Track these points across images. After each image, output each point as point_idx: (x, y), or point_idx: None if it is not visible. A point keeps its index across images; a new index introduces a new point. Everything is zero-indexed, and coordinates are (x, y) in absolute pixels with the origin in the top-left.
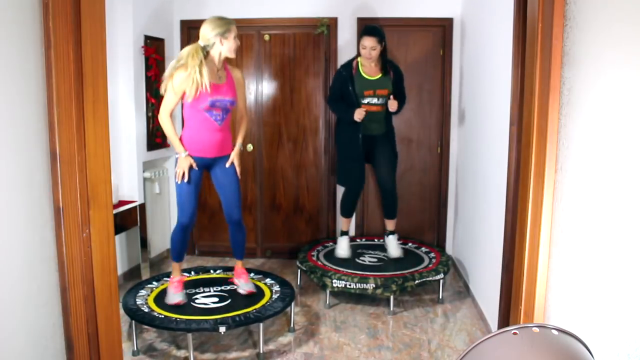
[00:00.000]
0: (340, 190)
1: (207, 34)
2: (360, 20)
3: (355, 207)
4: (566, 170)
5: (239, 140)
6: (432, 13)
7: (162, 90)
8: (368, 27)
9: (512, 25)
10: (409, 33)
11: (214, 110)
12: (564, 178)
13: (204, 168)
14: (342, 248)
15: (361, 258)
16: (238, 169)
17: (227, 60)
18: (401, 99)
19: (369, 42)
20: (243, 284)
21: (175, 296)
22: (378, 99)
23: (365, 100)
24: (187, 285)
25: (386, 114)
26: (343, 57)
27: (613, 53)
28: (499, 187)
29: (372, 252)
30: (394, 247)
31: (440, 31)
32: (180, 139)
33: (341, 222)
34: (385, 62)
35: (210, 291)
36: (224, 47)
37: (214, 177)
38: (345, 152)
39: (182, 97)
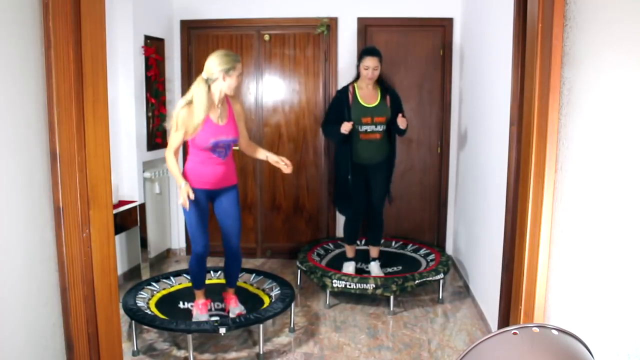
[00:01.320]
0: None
1: (212, 67)
2: (360, 20)
3: (358, 234)
4: (566, 170)
5: (261, 151)
6: (432, 13)
7: (167, 127)
8: (368, 47)
9: (512, 25)
10: (409, 33)
11: (217, 148)
12: (564, 178)
13: (209, 199)
14: (349, 271)
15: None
16: (286, 166)
17: None
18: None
19: (371, 62)
20: (233, 309)
21: (201, 317)
22: (376, 127)
23: (363, 128)
24: (188, 297)
25: (386, 140)
26: (343, 57)
27: (613, 53)
28: (499, 187)
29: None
30: (377, 273)
31: (440, 31)
32: (184, 170)
33: (347, 249)
34: (383, 85)
35: (211, 310)
36: (225, 84)
37: (216, 207)
38: (343, 180)
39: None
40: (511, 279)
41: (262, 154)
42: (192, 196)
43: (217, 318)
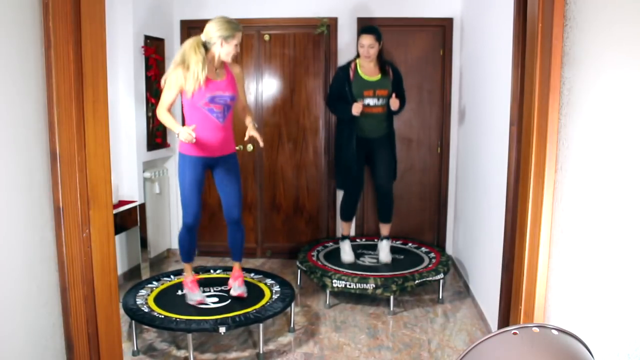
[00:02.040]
0: (340, 192)
1: (211, 32)
2: (360, 20)
3: (355, 210)
4: (566, 170)
5: (249, 118)
6: (432, 13)
7: (162, 83)
8: (365, 26)
9: (512, 25)
10: (409, 33)
11: (214, 107)
12: (564, 178)
13: (207, 168)
14: (347, 253)
15: (361, 259)
16: (260, 140)
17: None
18: (401, 101)
19: (366, 40)
20: (236, 287)
21: (194, 295)
22: (378, 100)
23: (365, 102)
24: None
25: (387, 116)
26: (343, 57)
27: (613, 53)
28: (499, 187)
29: (372, 253)
30: (385, 253)
31: (440, 31)
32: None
33: (341, 226)
34: (384, 63)
35: (210, 291)
36: (222, 50)
37: (216, 176)
38: (343, 154)
39: (181, 94)
40: (511, 279)
41: (248, 121)
42: (193, 135)
43: (213, 295)
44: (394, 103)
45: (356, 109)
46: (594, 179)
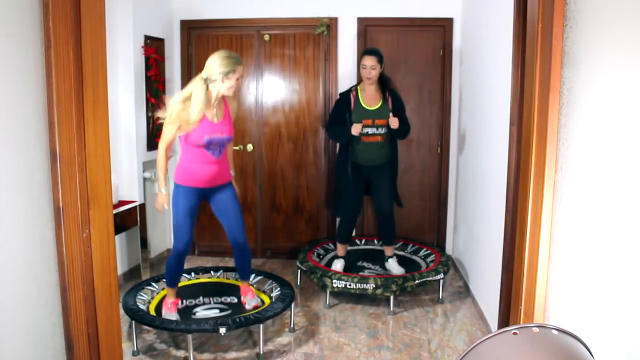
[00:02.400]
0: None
1: (212, 69)
2: (360, 20)
3: (352, 234)
4: (566, 170)
5: (232, 172)
6: (432, 13)
7: (162, 116)
8: (367, 48)
9: (512, 25)
10: (409, 33)
11: (211, 146)
12: (564, 178)
13: (202, 197)
14: (337, 269)
15: (360, 273)
16: (237, 192)
17: None
18: (404, 126)
19: (369, 61)
20: (250, 301)
21: (171, 316)
22: (377, 129)
23: (365, 131)
24: (187, 293)
25: (387, 144)
26: (343, 57)
27: (613, 53)
28: (499, 187)
29: (372, 267)
30: (395, 269)
31: (440, 31)
32: (177, 168)
33: (338, 248)
34: (385, 89)
35: (210, 303)
36: (223, 86)
37: (213, 205)
38: (342, 182)
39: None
40: (511, 279)
41: (232, 172)
42: (165, 207)
43: (214, 308)
44: (393, 121)
45: (355, 129)
46: (594, 179)
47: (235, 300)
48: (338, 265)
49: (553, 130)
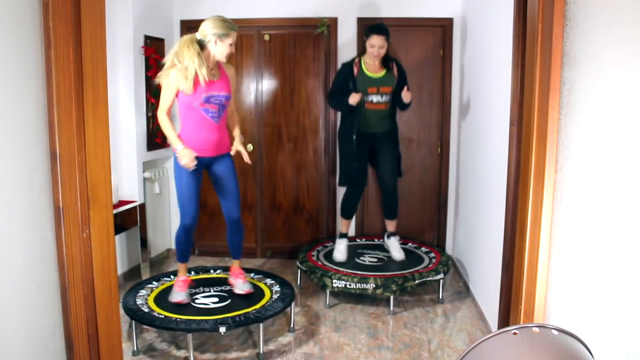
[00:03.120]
0: (340, 192)
1: (206, 30)
2: (360, 20)
3: (356, 208)
4: (566, 170)
5: (237, 131)
6: (432, 13)
7: (156, 80)
8: (375, 26)
9: (512, 25)
10: (409, 33)
11: (210, 107)
12: (564, 178)
13: (203, 168)
14: (340, 251)
15: (361, 258)
16: (246, 157)
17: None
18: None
19: (378, 40)
20: (241, 284)
21: (178, 294)
22: (381, 97)
23: (369, 98)
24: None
25: (390, 112)
26: (343, 57)
27: (613, 53)
28: (499, 187)
29: (372, 252)
30: (396, 249)
31: (440, 31)
32: (178, 138)
33: (340, 224)
34: (388, 59)
35: (210, 291)
36: (217, 49)
37: (212, 177)
38: (346, 150)
39: (177, 95)
40: (511, 279)
41: (236, 133)
42: (193, 163)
43: (214, 295)
44: (407, 96)
45: (353, 98)
46: (594, 179)
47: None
48: (341, 245)
49: (553, 130)
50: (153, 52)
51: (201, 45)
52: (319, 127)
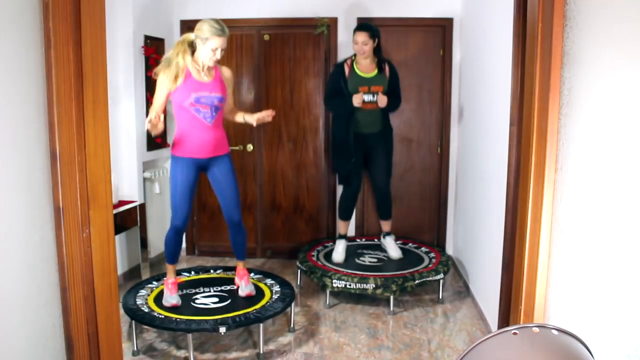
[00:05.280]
0: (340, 192)
1: (196, 30)
2: (360, 20)
3: (353, 209)
4: (566, 170)
5: (241, 113)
6: (431, 13)
7: (153, 76)
8: (360, 24)
9: (512, 25)
10: (409, 33)
11: (201, 107)
12: (564, 178)
13: (200, 170)
14: (339, 252)
15: (361, 258)
16: (265, 114)
17: (221, 60)
18: (396, 99)
19: (360, 37)
20: (243, 286)
21: (172, 298)
22: (373, 96)
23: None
24: (188, 285)
25: (382, 112)
26: (343, 57)
27: (613, 53)
28: (499, 187)
29: (371, 252)
30: (393, 248)
31: (440, 31)
32: (174, 140)
33: (339, 225)
34: (381, 60)
35: (210, 291)
36: (200, 52)
37: (211, 179)
38: (340, 150)
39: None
40: (511, 279)
41: (240, 117)
42: (152, 117)
43: (213, 295)
44: (382, 100)
45: (357, 99)
46: (594, 179)
47: (235, 287)
48: (340, 246)
49: (553, 130)
50: (153, 52)
51: (194, 45)
52: (319, 127)
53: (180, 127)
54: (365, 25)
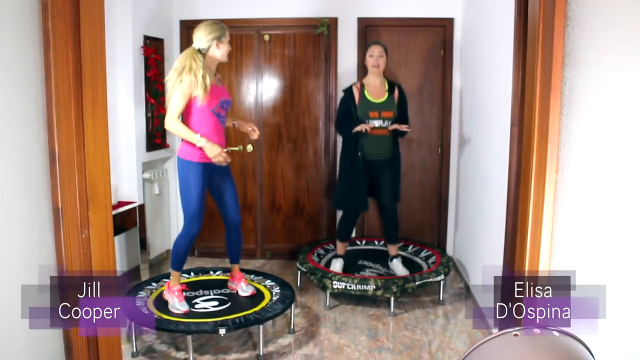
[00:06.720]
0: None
1: (202, 37)
2: (360, 20)
3: (352, 231)
4: (567, 171)
5: (231, 118)
6: (432, 13)
7: (167, 94)
8: (373, 40)
9: (512, 26)
10: (409, 33)
11: (221, 111)
12: (565, 179)
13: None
14: (336, 269)
15: (361, 272)
16: (253, 132)
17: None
18: (405, 124)
19: (376, 50)
20: (244, 288)
21: (181, 305)
22: (383, 122)
23: (371, 123)
24: (188, 287)
25: (393, 138)
26: (343, 57)
27: (614, 53)
28: (500, 188)
29: (372, 266)
30: (400, 270)
31: (440, 31)
32: (189, 146)
33: (338, 245)
34: (391, 84)
35: (210, 294)
36: (220, 51)
37: (212, 181)
38: (347, 174)
39: (190, 102)
40: None
41: (229, 122)
42: (225, 155)
43: (213, 299)
44: (403, 128)
45: (360, 126)
46: (595, 180)
47: (234, 291)
48: (337, 265)
49: (554, 131)
50: (152, 52)
51: (201, 53)
52: (319, 127)
53: (203, 133)
54: (379, 41)
